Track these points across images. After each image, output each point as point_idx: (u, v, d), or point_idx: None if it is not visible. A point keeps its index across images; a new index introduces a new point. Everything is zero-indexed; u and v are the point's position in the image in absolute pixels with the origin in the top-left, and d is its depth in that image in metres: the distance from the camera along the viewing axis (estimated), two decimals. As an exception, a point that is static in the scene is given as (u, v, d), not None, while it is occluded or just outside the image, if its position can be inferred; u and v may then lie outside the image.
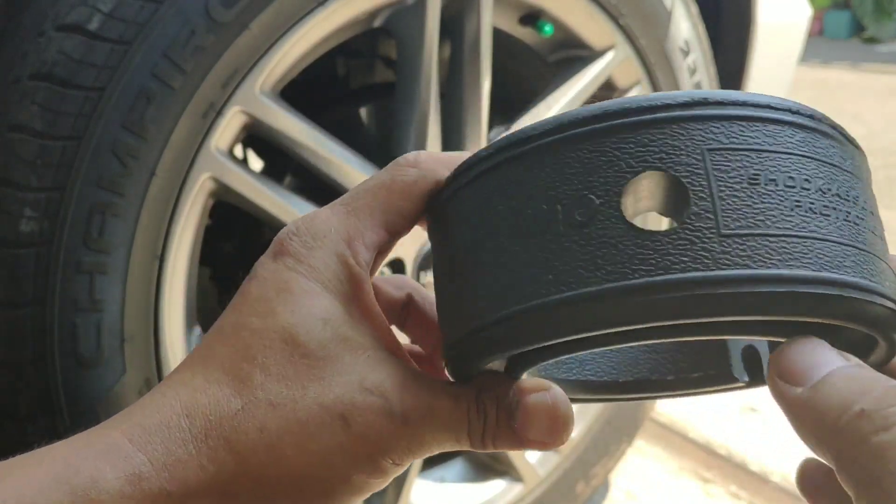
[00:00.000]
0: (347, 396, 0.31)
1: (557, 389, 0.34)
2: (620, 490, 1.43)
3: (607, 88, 1.08)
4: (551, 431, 0.34)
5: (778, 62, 1.39)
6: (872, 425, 0.25)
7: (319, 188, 0.90)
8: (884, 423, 0.25)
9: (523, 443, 0.34)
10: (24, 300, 0.71)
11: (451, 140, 0.96)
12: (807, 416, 0.27)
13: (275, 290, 0.33)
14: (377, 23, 0.90)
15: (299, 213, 0.85)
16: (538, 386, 0.34)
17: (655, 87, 1.09)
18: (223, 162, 0.79)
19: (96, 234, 0.72)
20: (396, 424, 0.32)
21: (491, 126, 1.03)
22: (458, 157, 0.34)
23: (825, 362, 0.28)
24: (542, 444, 0.34)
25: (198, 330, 0.85)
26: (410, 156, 0.35)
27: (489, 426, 0.34)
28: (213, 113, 0.77)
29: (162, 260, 0.77)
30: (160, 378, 0.79)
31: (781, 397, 0.28)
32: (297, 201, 0.85)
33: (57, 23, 0.72)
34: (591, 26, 1.02)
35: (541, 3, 0.99)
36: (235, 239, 1.20)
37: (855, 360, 0.28)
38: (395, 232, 0.35)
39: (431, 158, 0.35)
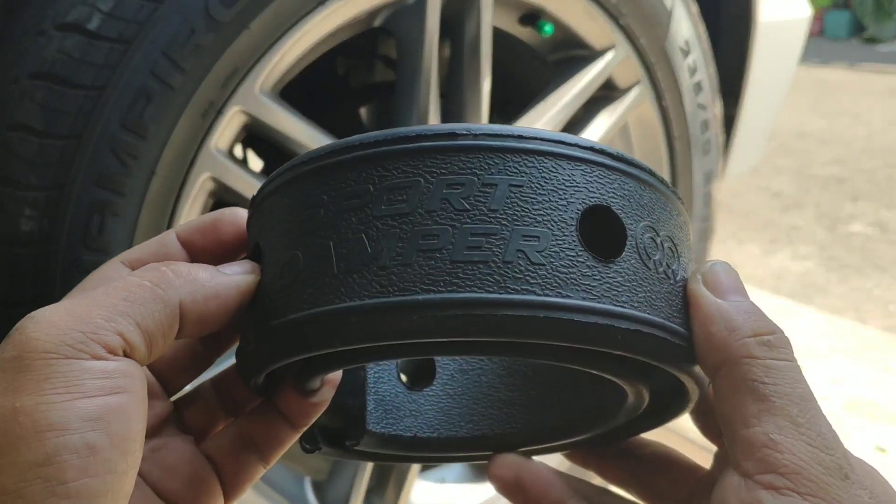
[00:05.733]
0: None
1: None
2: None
3: (608, 88, 1.08)
4: None
5: (778, 62, 1.39)
6: (774, 353, 0.31)
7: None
8: (784, 356, 0.32)
9: None
10: (23, 299, 0.71)
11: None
12: (715, 321, 0.32)
13: None
14: (377, 22, 0.90)
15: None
16: None
17: (656, 87, 1.09)
18: (223, 161, 0.79)
19: (96, 232, 0.72)
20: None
21: (491, 126, 1.03)
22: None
23: (742, 290, 0.34)
24: None
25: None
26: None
27: None
28: (213, 112, 0.77)
29: (161, 259, 0.77)
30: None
31: (698, 299, 0.33)
32: (297, 201, 0.85)
33: (57, 22, 0.72)
34: (591, 26, 1.02)
35: (541, 2, 0.99)
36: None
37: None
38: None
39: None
